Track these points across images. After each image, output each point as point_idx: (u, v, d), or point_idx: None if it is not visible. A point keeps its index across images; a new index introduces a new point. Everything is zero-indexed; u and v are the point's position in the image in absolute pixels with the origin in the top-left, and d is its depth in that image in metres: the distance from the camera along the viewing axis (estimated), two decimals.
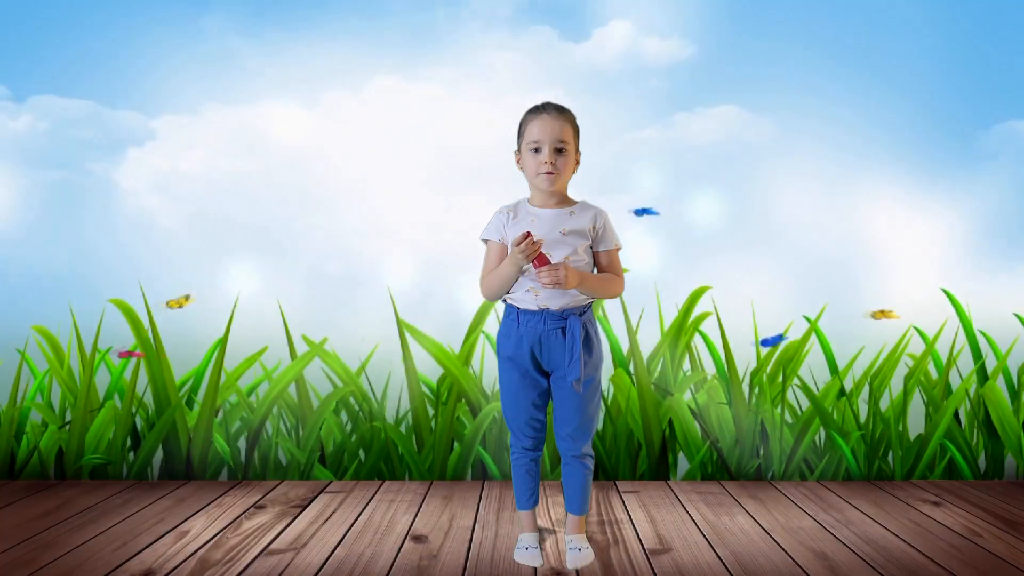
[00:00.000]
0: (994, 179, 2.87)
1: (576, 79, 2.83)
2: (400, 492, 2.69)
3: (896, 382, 2.85)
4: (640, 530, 2.27)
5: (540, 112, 1.89)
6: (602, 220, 1.95)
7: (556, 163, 1.86)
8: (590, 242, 1.94)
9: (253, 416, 2.83)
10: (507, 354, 1.96)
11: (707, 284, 2.85)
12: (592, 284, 1.89)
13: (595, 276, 1.93)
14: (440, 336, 2.85)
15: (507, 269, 1.88)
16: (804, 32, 2.85)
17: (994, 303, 2.88)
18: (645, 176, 2.86)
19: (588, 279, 1.88)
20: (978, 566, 1.98)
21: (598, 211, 1.97)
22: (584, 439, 1.98)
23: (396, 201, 2.87)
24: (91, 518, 2.38)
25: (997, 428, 2.84)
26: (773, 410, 2.83)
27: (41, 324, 2.84)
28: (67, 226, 2.86)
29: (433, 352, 2.85)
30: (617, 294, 1.98)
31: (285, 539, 2.19)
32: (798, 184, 2.87)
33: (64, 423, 2.82)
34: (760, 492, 2.68)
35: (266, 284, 2.86)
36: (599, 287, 1.91)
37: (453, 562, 2.01)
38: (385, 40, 2.86)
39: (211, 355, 2.84)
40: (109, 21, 2.84)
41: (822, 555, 2.05)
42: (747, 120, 2.85)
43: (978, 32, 2.86)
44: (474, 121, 2.83)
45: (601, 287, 1.92)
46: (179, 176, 2.86)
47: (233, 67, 2.85)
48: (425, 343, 2.85)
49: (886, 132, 2.86)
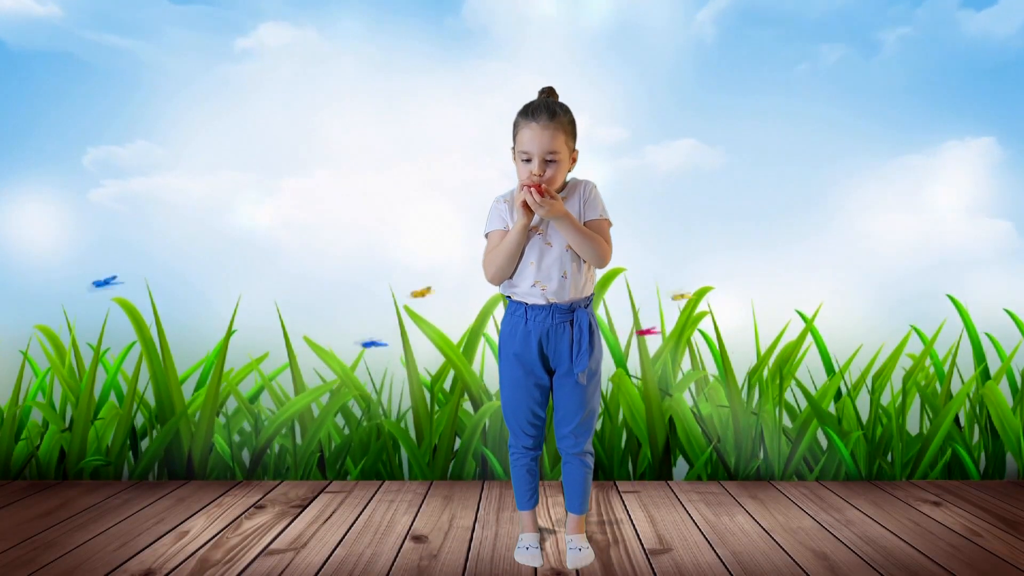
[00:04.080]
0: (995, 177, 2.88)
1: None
2: (400, 492, 2.69)
3: (896, 382, 2.85)
4: (640, 530, 2.27)
5: (531, 119, 1.85)
6: (588, 190, 1.94)
7: (545, 174, 1.84)
8: (583, 221, 1.92)
9: (259, 437, 2.83)
10: (512, 352, 1.96)
11: (710, 285, 2.85)
12: (577, 226, 1.85)
13: (582, 226, 1.88)
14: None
15: (514, 236, 1.86)
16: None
17: (995, 303, 2.88)
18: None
19: (574, 220, 1.85)
20: (978, 566, 1.98)
21: (585, 184, 1.95)
22: (585, 437, 1.99)
23: (399, 201, 2.88)
24: (91, 518, 2.38)
25: (997, 428, 2.85)
26: (773, 410, 2.83)
27: (45, 324, 2.84)
28: (68, 227, 2.87)
29: (435, 340, 2.84)
30: (602, 258, 1.90)
31: (285, 539, 2.19)
32: (796, 185, 2.87)
33: (66, 427, 2.82)
34: (760, 492, 2.68)
35: (267, 284, 2.85)
36: (584, 236, 1.86)
37: (453, 562, 2.01)
38: (385, 42, 2.86)
39: (215, 354, 2.84)
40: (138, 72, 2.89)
41: (822, 555, 2.05)
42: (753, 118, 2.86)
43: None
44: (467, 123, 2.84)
45: (585, 237, 1.86)
46: (179, 177, 2.87)
47: (234, 66, 2.86)
48: (427, 330, 2.84)
49: (885, 129, 2.86)
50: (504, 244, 1.89)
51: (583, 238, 1.86)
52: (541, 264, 1.90)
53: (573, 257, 1.91)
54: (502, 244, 1.90)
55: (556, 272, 1.90)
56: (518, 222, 1.86)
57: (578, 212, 1.92)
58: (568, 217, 1.84)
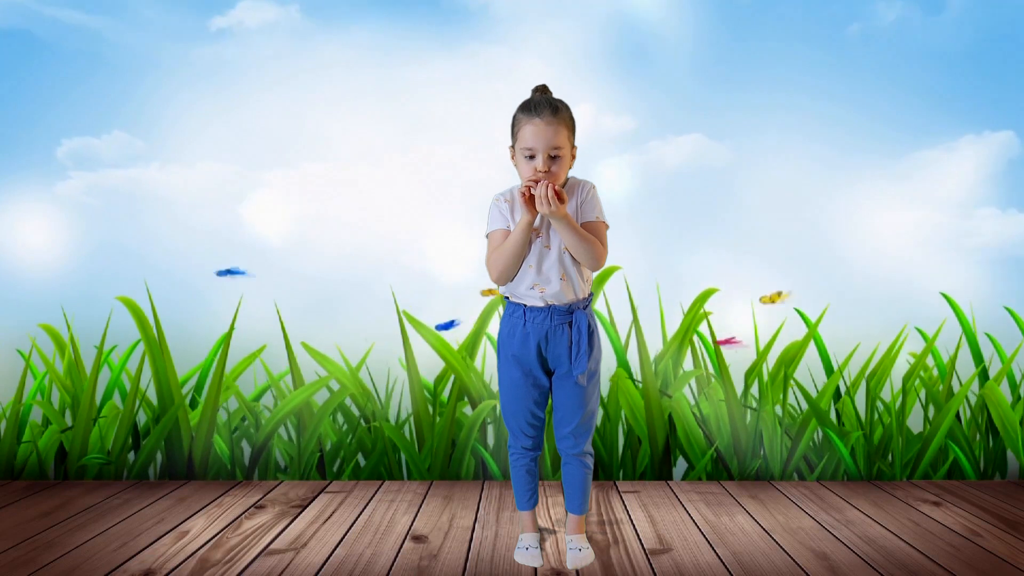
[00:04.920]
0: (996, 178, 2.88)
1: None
2: (400, 492, 2.69)
3: (895, 382, 2.85)
4: (640, 530, 2.27)
5: (534, 115, 1.84)
6: (587, 192, 1.93)
7: (551, 170, 1.84)
8: (579, 222, 1.91)
9: (258, 433, 2.83)
10: (511, 353, 1.96)
11: (715, 287, 2.85)
12: (576, 229, 1.84)
13: (581, 229, 1.87)
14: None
15: (519, 235, 1.85)
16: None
17: (997, 303, 2.88)
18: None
19: (574, 223, 1.84)
20: (978, 566, 1.98)
21: (583, 184, 1.94)
22: (585, 437, 1.99)
23: (399, 201, 2.87)
24: (91, 518, 2.38)
25: (998, 428, 2.84)
26: (773, 411, 2.83)
27: (48, 322, 2.84)
28: (70, 228, 2.86)
29: (434, 345, 2.84)
30: (598, 261, 1.89)
31: (285, 539, 2.19)
32: (796, 184, 2.87)
33: (67, 427, 2.82)
34: (760, 492, 2.68)
35: (268, 284, 2.85)
36: (582, 239, 1.84)
37: (453, 562, 2.01)
38: (375, 21, 2.82)
39: (214, 354, 2.84)
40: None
41: (822, 555, 2.05)
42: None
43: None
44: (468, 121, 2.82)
45: (583, 240, 1.84)
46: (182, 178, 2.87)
47: (234, 69, 2.85)
48: (427, 335, 2.84)
49: (886, 127, 2.87)
50: (509, 243, 1.88)
51: (580, 240, 1.85)
52: (540, 267, 1.90)
53: (572, 259, 1.91)
54: (506, 244, 1.88)
55: (555, 274, 1.90)
56: (522, 219, 1.85)
57: (575, 211, 1.91)
58: (567, 219, 1.83)
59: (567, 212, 1.82)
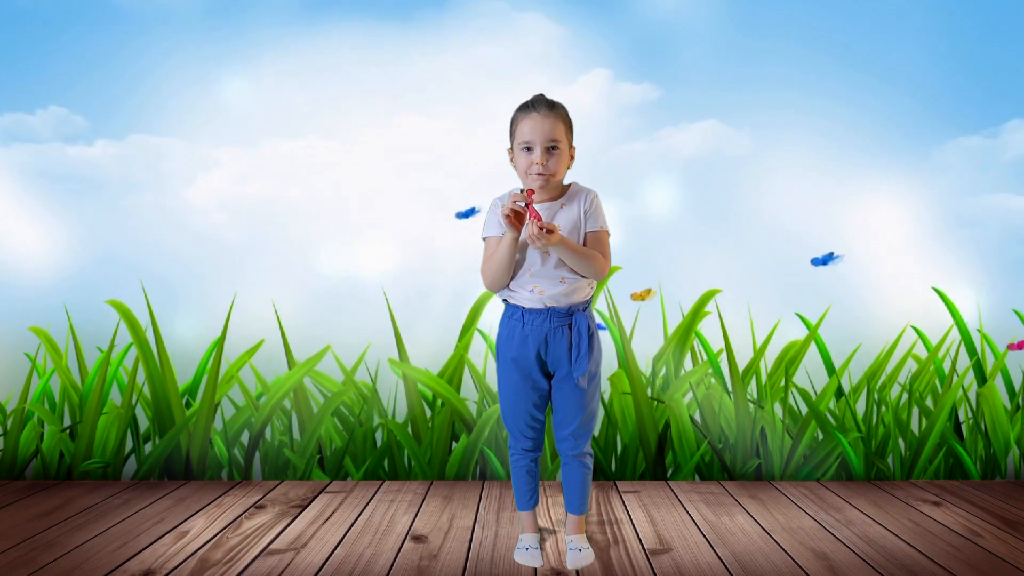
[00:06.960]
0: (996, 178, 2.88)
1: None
2: (400, 492, 2.69)
3: (896, 382, 2.85)
4: (640, 530, 2.27)
5: (530, 110, 1.86)
6: (590, 201, 1.92)
7: (548, 163, 1.85)
8: (582, 230, 1.91)
9: (255, 419, 2.83)
10: (510, 356, 1.95)
11: (717, 288, 2.85)
12: (574, 248, 1.84)
13: (579, 246, 1.88)
14: (437, 337, 2.84)
15: (505, 250, 1.85)
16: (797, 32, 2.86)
17: (998, 302, 2.88)
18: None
19: (571, 243, 1.84)
20: (978, 566, 1.98)
21: (587, 193, 1.94)
22: (585, 438, 1.98)
23: (395, 203, 2.87)
24: (91, 518, 2.38)
25: (988, 430, 2.84)
26: (774, 411, 2.83)
27: (44, 325, 2.84)
28: (70, 228, 2.86)
29: (422, 380, 2.83)
30: (600, 273, 1.90)
31: (285, 539, 2.19)
32: (795, 185, 2.87)
33: (64, 428, 2.82)
34: (760, 492, 2.68)
35: (261, 288, 2.85)
36: (581, 257, 1.85)
37: (453, 562, 2.01)
38: (382, 41, 2.85)
39: (208, 356, 2.83)
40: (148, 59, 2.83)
41: (822, 555, 2.05)
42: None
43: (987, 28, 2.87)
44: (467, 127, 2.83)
45: (583, 257, 1.85)
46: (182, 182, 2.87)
47: (237, 68, 2.86)
48: (412, 373, 2.84)
49: (886, 128, 2.87)
50: (496, 257, 1.88)
51: (580, 259, 1.85)
52: (539, 270, 1.89)
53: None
54: (495, 257, 1.88)
55: (554, 278, 1.89)
56: (506, 235, 1.84)
57: (577, 218, 1.90)
58: (564, 243, 1.82)
59: (561, 238, 1.81)
